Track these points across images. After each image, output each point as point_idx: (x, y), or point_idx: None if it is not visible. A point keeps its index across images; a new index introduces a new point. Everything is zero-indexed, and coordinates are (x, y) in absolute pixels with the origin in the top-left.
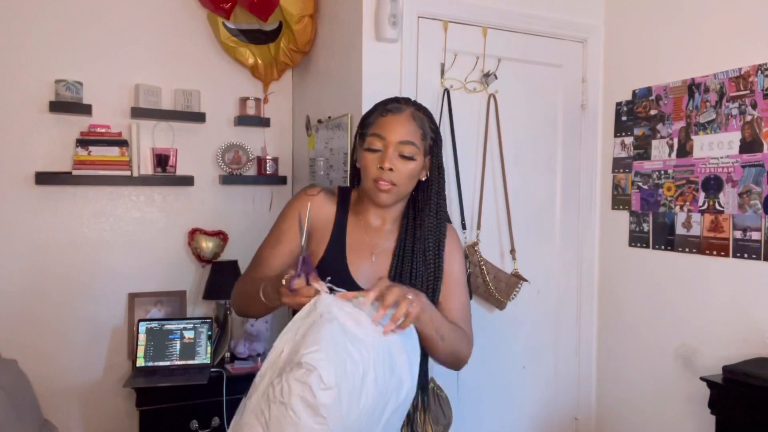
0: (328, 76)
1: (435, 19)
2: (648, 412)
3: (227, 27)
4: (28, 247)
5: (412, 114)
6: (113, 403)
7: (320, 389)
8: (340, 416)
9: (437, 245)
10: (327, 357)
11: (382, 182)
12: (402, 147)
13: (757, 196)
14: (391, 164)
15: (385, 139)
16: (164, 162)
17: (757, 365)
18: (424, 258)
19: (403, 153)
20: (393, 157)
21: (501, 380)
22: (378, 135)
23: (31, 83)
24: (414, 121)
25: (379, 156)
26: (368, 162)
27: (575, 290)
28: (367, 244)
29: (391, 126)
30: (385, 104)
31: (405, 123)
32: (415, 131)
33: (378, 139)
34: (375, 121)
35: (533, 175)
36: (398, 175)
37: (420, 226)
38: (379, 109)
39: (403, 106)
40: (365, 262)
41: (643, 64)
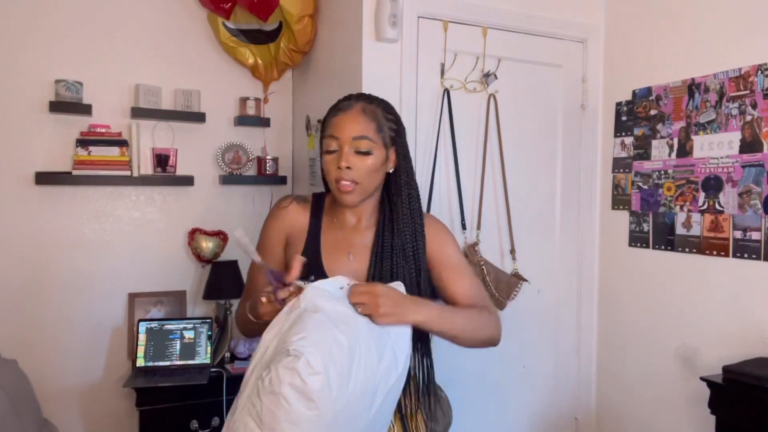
0: (328, 76)
1: (435, 19)
2: (648, 412)
3: (227, 27)
4: (28, 247)
5: (362, 108)
6: (113, 403)
7: (309, 374)
8: (331, 400)
9: (414, 237)
10: (313, 343)
11: (344, 183)
12: (356, 143)
13: (757, 196)
14: (347, 162)
15: (338, 138)
16: (164, 162)
17: (757, 365)
18: (403, 252)
19: (359, 149)
20: (349, 155)
21: (501, 380)
22: (331, 135)
23: (31, 83)
24: (365, 115)
25: (336, 156)
26: (327, 164)
27: (575, 290)
28: (344, 244)
29: (341, 124)
30: (336, 104)
31: (355, 118)
32: (368, 124)
33: (332, 139)
34: (328, 122)
35: (533, 175)
36: (357, 172)
37: (395, 219)
38: (331, 110)
39: (352, 102)
40: (343, 262)
41: (643, 64)
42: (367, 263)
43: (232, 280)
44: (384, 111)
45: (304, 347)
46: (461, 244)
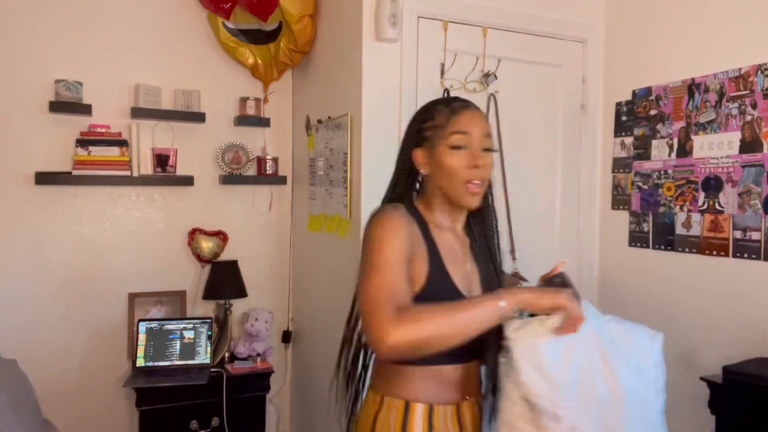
0: (328, 76)
1: (435, 19)
2: None
3: (227, 27)
4: (28, 247)
5: (477, 108)
6: (113, 403)
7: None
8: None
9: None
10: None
11: (475, 184)
12: (485, 140)
13: (757, 196)
14: (484, 160)
15: (470, 133)
16: (164, 162)
17: (757, 365)
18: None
19: (486, 146)
20: (481, 153)
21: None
22: (462, 131)
23: (31, 83)
24: (483, 113)
25: (466, 154)
26: (455, 164)
27: None
28: (458, 252)
29: (473, 120)
30: (447, 104)
31: (481, 116)
32: (487, 123)
33: (462, 135)
34: (449, 120)
35: (533, 175)
36: (487, 171)
37: (487, 219)
38: (443, 109)
39: (466, 102)
40: (466, 273)
41: (643, 64)
42: (476, 267)
43: (232, 280)
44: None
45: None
46: None
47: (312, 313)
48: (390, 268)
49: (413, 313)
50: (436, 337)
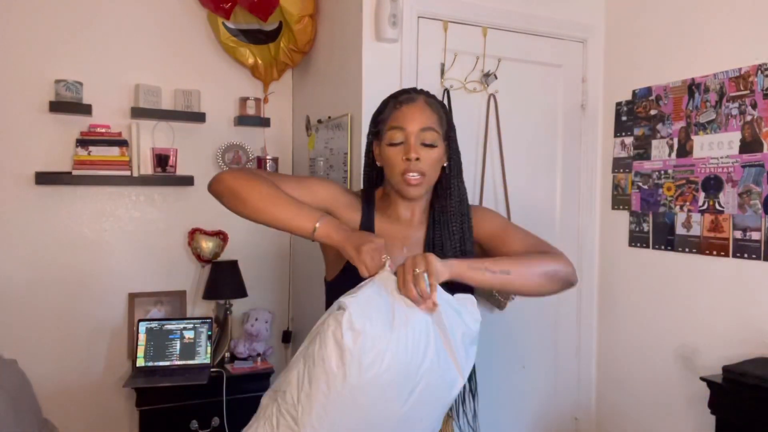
0: (328, 76)
1: (435, 19)
2: (648, 412)
3: (227, 27)
4: (28, 247)
5: (425, 100)
6: (113, 403)
7: (347, 329)
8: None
9: (461, 230)
10: (361, 303)
11: (411, 175)
12: (423, 135)
13: (757, 196)
14: (417, 153)
15: (405, 129)
16: (164, 162)
17: (757, 365)
18: (451, 244)
19: (425, 141)
20: (417, 146)
21: (501, 380)
22: (397, 127)
23: (31, 83)
24: (429, 108)
25: (403, 148)
26: (392, 156)
27: (575, 290)
28: (399, 238)
29: (408, 115)
30: (395, 97)
31: (422, 110)
32: (432, 116)
33: (398, 131)
34: (390, 114)
35: (533, 175)
36: (425, 164)
37: (446, 215)
38: (390, 103)
39: (414, 95)
40: (397, 255)
41: (643, 64)
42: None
43: (232, 280)
44: (442, 106)
45: (351, 304)
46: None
47: (312, 313)
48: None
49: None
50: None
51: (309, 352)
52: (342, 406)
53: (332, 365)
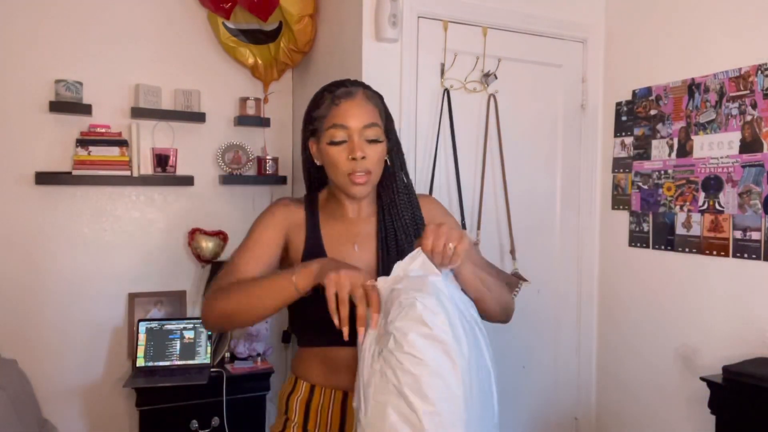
0: (328, 76)
1: (435, 19)
2: (648, 412)
3: (227, 27)
4: (28, 247)
5: (365, 94)
6: (113, 403)
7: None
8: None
9: (414, 221)
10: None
11: (357, 175)
12: (366, 131)
13: (757, 196)
14: (362, 152)
15: (347, 127)
16: (164, 162)
17: (757, 365)
18: (406, 236)
19: (369, 137)
20: (361, 144)
21: (501, 380)
22: (338, 125)
23: (31, 83)
24: (370, 101)
25: (346, 147)
26: (335, 156)
27: (575, 290)
28: (348, 236)
29: (350, 112)
30: (331, 91)
31: (362, 105)
32: (374, 110)
33: (339, 129)
34: (328, 111)
35: (533, 175)
36: (370, 162)
37: (394, 205)
38: (326, 98)
39: (352, 88)
40: (349, 253)
41: (643, 64)
42: (374, 251)
43: None
44: (380, 98)
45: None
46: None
47: None
48: (253, 243)
49: (228, 288)
50: (237, 311)
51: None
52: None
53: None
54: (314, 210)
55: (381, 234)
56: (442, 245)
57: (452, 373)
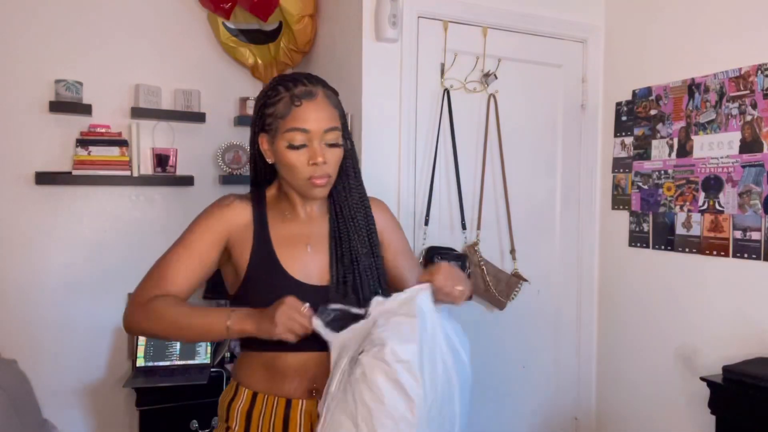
0: (328, 76)
1: (435, 19)
2: (648, 412)
3: (227, 27)
4: (28, 247)
5: (325, 94)
6: (113, 403)
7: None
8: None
9: (366, 221)
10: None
11: (318, 179)
12: (327, 135)
13: (757, 196)
14: (323, 157)
15: (308, 131)
16: (164, 162)
17: (757, 365)
18: (359, 236)
19: (329, 141)
20: (322, 149)
21: (501, 380)
22: (298, 129)
23: (31, 83)
24: (329, 102)
25: (306, 151)
26: (294, 160)
27: (575, 290)
28: (299, 237)
29: (311, 115)
30: (289, 89)
31: (323, 107)
32: (333, 113)
33: (299, 133)
34: (288, 112)
35: (533, 175)
36: (331, 166)
37: (347, 205)
38: (284, 96)
39: (312, 88)
40: (301, 255)
41: (643, 64)
42: (327, 251)
43: None
44: (337, 94)
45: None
46: (461, 244)
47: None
48: (185, 250)
49: (153, 309)
50: (161, 335)
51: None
52: None
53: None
54: (262, 208)
55: (334, 234)
56: (452, 286)
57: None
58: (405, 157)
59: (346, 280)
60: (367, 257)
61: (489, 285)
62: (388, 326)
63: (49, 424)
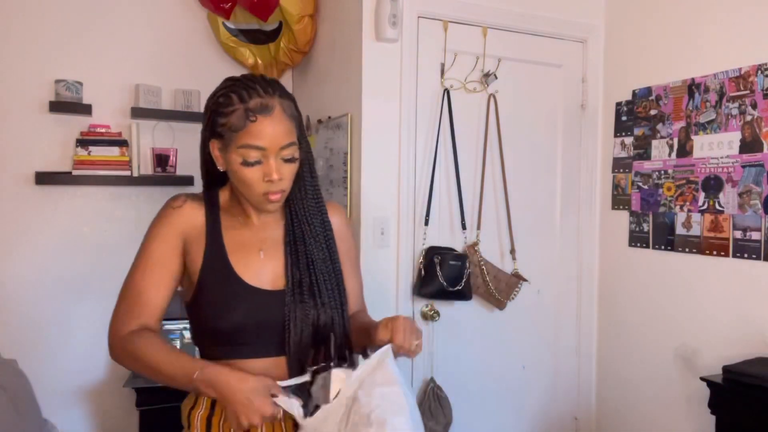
0: (328, 76)
1: (435, 19)
2: (648, 412)
3: (227, 27)
4: (28, 247)
5: (282, 106)
6: (113, 403)
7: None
8: None
9: (323, 224)
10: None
11: (273, 194)
12: (283, 151)
13: (757, 196)
14: (279, 174)
15: (264, 149)
16: (164, 162)
17: (757, 365)
18: (316, 241)
19: (286, 157)
20: (278, 166)
21: (501, 380)
22: (253, 146)
23: (31, 83)
24: (286, 116)
25: (262, 168)
26: (249, 178)
27: (575, 290)
28: (253, 242)
29: (267, 132)
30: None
31: (280, 122)
32: (291, 126)
33: (254, 150)
34: (242, 126)
35: (533, 175)
36: (286, 181)
37: (303, 209)
38: (238, 109)
39: (269, 100)
40: (254, 261)
41: (643, 64)
42: (281, 258)
43: None
44: (294, 101)
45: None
46: (461, 244)
47: None
48: (149, 265)
49: (130, 350)
50: (141, 373)
51: None
52: None
53: None
54: (215, 211)
55: (289, 239)
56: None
57: None
58: (405, 157)
59: (302, 283)
60: (324, 262)
61: (489, 285)
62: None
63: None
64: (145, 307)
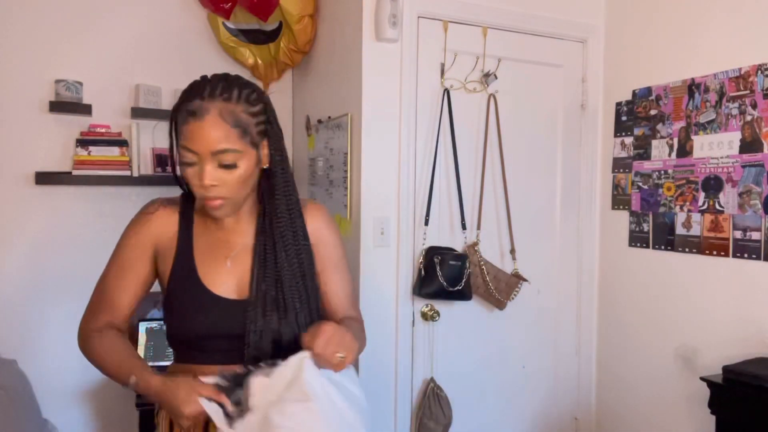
0: (328, 76)
1: (435, 19)
2: (648, 412)
3: (227, 27)
4: (28, 247)
5: (220, 112)
6: (113, 403)
7: None
8: None
9: (294, 236)
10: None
11: (210, 200)
12: (218, 157)
13: (757, 196)
14: (212, 180)
15: (196, 152)
16: (164, 162)
17: (757, 365)
18: (286, 253)
19: (222, 162)
20: (212, 171)
21: (501, 380)
22: (186, 147)
23: (31, 83)
24: (224, 122)
25: (197, 171)
26: (189, 177)
27: (575, 290)
28: (221, 248)
29: (197, 135)
30: (185, 99)
31: (213, 127)
32: (229, 132)
33: (187, 152)
34: (182, 127)
35: (533, 175)
36: (226, 188)
37: (274, 220)
38: (182, 108)
39: (205, 104)
40: (221, 270)
41: (643, 64)
42: (248, 267)
43: None
44: (247, 104)
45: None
46: (461, 244)
47: None
48: (120, 269)
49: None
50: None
51: None
52: None
53: None
54: (189, 215)
55: (259, 249)
56: (332, 353)
57: None
58: (405, 157)
59: (266, 296)
60: (293, 277)
61: (489, 285)
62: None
63: (49, 424)
64: (111, 308)
